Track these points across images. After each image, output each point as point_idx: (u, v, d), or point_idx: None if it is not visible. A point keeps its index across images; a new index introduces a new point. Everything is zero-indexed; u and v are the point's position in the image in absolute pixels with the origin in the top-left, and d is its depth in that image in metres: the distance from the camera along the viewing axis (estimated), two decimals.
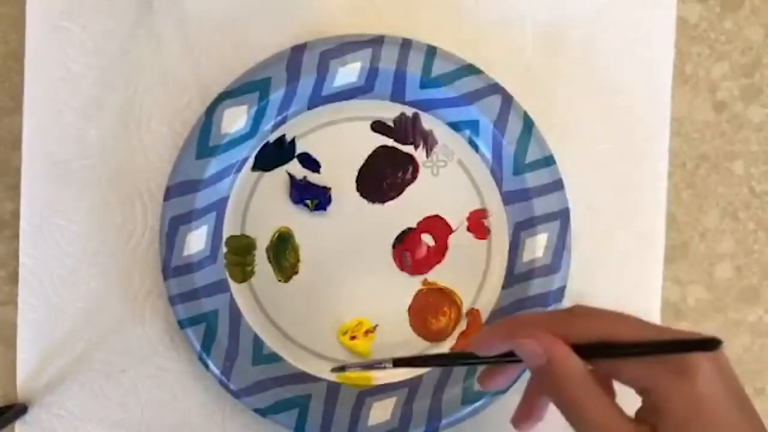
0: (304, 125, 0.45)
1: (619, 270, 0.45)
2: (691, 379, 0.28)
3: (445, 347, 0.45)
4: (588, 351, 0.30)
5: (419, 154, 0.45)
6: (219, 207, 0.44)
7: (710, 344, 0.27)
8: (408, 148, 0.45)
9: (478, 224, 0.45)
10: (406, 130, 0.45)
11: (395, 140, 0.45)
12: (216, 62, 0.45)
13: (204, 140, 0.43)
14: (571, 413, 0.30)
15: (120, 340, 0.45)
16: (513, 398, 0.44)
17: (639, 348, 0.29)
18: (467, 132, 0.44)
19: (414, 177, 0.45)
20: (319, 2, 0.45)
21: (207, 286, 0.44)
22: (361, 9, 0.45)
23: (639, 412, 0.30)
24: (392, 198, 0.45)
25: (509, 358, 0.32)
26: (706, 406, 0.28)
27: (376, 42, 0.43)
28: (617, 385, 0.31)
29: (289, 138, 0.45)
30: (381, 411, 0.43)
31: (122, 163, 0.45)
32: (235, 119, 0.43)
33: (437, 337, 0.45)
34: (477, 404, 0.43)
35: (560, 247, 0.43)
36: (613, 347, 0.29)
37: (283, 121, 0.44)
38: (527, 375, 0.44)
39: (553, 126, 0.45)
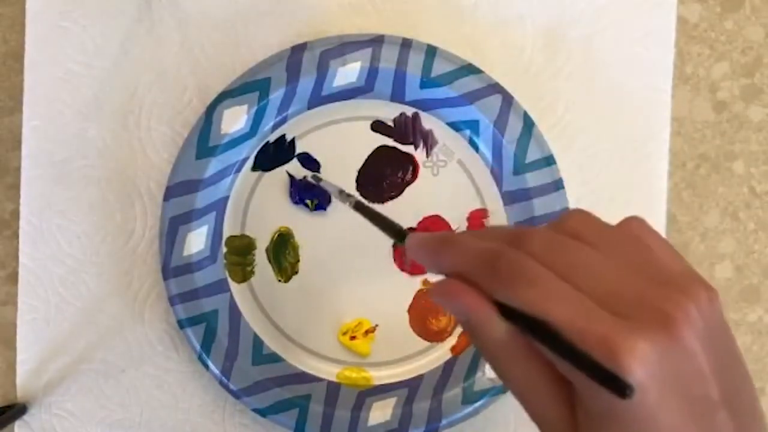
0: (304, 125, 0.45)
1: None
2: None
3: (445, 347, 0.45)
4: (513, 314, 0.24)
5: (419, 154, 0.45)
6: (219, 207, 0.44)
7: (621, 388, 0.21)
8: (408, 148, 0.45)
9: (478, 224, 0.45)
10: (406, 130, 0.45)
11: (395, 140, 0.45)
12: (216, 62, 0.45)
13: (204, 140, 0.43)
14: (494, 370, 0.26)
15: (120, 340, 0.45)
16: (513, 398, 0.44)
17: (556, 346, 0.23)
18: (467, 132, 0.44)
19: (414, 177, 0.45)
20: (319, 2, 0.45)
21: (207, 286, 0.44)
22: (361, 9, 0.45)
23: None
24: (392, 198, 0.45)
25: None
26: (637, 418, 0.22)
27: (376, 42, 0.43)
28: None
29: (289, 138, 0.45)
30: (381, 411, 0.43)
31: (122, 163, 0.45)
32: (235, 119, 0.43)
33: (437, 337, 0.45)
34: (477, 404, 0.43)
35: None
36: (534, 327, 0.24)
37: (283, 121, 0.44)
38: None
39: (553, 126, 0.45)
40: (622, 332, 0.22)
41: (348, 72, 0.43)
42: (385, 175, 0.45)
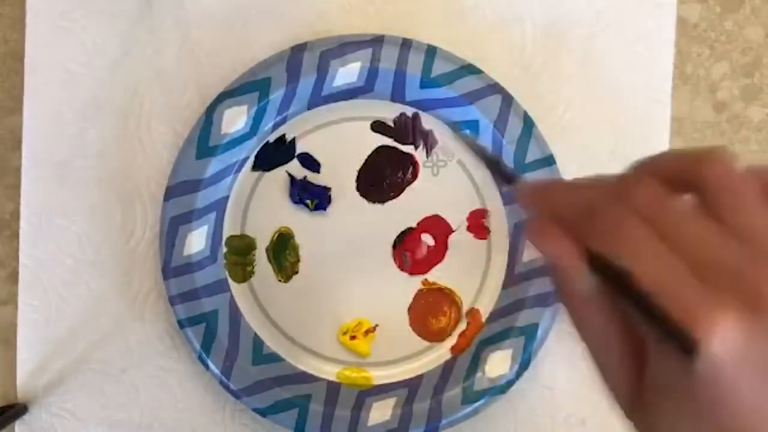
0: (304, 125, 0.45)
1: None
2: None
3: (445, 347, 0.45)
4: (601, 266, 0.24)
5: (419, 154, 0.45)
6: (219, 207, 0.44)
7: (688, 346, 0.21)
8: (408, 148, 0.45)
9: (478, 224, 0.45)
10: (406, 130, 0.45)
11: (395, 140, 0.45)
12: (216, 62, 0.45)
13: (204, 140, 0.43)
14: (572, 321, 0.26)
15: (120, 340, 0.45)
16: (513, 398, 0.44)
17: (637, 303, 0.23)
18: (467, 132, 0.44)
19: (414, 177, 0.45)
20: (319, 2, 0.45)
21: (207, 286, 0.44)
22: (361, 9, 0.45)
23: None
24: (392, 198, 0.45)
25: None
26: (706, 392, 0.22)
27: (376, 42, 0.43)
28: None
29: (289, 138, 0.45)
30: (381, 411, 0.43)
31: (122, 163, 0.45)
32: (235, 119, 0.43)
33: (437, 337, 0.45)
34: (477, 404, 0.43)
35: None
36: (619, 282, 0.23)
37: (283, 121, 0.44)
38: (526, 376, 0.44)
39: (553, 126, 0.45)
40: (708, 304, 0.21)
41: (348, 72, 0.43)
42: (385, 175, 0.45)
